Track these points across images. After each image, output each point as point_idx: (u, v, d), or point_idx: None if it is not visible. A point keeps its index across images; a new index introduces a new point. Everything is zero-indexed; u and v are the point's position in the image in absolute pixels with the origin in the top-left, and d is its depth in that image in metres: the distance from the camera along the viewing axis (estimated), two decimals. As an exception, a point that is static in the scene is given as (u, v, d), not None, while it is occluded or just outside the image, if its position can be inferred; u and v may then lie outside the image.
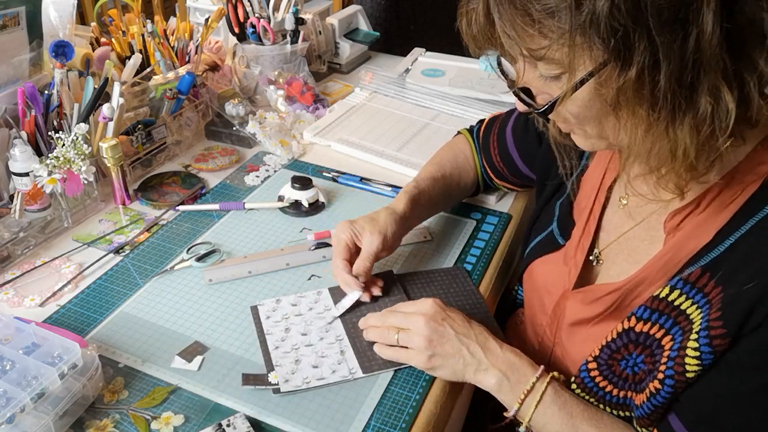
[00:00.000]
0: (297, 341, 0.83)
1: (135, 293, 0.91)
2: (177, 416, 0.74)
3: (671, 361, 0.65)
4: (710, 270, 0.65)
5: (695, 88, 0.55)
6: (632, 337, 0.71)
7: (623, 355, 0.72)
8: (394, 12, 2.04)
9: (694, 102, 0.56)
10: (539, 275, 0.88)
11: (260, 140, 1.26)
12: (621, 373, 0.73)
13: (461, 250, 1.02)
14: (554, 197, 0.90)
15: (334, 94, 1.52)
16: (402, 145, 1.28)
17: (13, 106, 1.04)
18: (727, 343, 0.61)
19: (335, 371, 0.79)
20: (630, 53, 0.54)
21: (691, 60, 0.54)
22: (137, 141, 1.16)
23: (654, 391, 0.67)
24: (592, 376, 0.75)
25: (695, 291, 0.65)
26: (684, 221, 0.69)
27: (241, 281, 0.94)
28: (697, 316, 0.64)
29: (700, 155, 0.59)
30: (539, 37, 0.58)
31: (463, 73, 1.57)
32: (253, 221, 1.07)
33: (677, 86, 0.55)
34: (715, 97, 0.55)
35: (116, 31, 1.28)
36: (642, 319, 0.70)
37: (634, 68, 0.55)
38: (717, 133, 0.57)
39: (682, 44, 0.53)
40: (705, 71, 0.54)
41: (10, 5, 1.03)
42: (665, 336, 0.68)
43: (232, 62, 1.45)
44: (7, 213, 0.99)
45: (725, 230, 0.65)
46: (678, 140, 0.58)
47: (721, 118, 0.56)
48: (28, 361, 0.71)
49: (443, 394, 0.79)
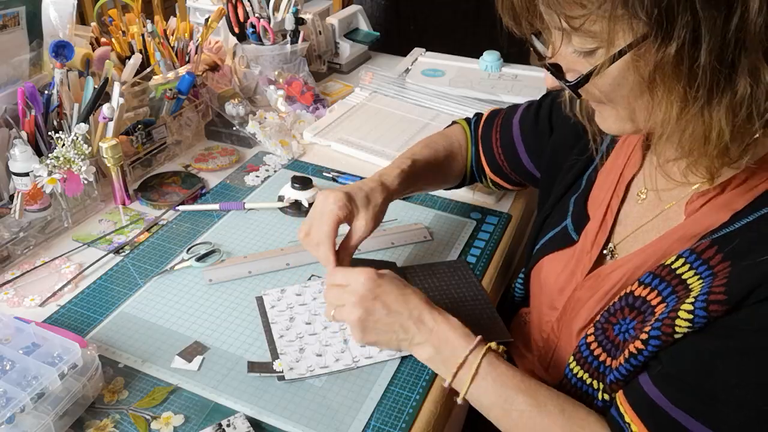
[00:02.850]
0: (301, 330, 0.85)
1: (135, 293, 0.91)
2: (177, 416, 0.74)
3: (658, 322, 0.64)
4: (719, 244, 0.63)
5: (735, 67, 0.54)
6: (630, 301, 0.70)
7: (617, 319, 0.71)
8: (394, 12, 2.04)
9: (733, 82, 0.55)
10: (550, 271, 0.87)
11: (260, 140, 1.26)
12: (614, 339, 0.71)
13: (461, 250, 1.02)
14: (568, 193, 0.89)
15: (334, 94, 1.52)
16: (402, 145, 1.28)
17: (13, 106, 1.04)
18: (723, 311, 0.59)
19: (339, 359, 0.81)
20: (672, 26, 0.53)
21: (734, 39, 0.53)
22: (137, 141, 1.16)
23: (635, 351, 0.66)
24: (588, 342, 0.74)
25: (700, 262, 0.64)
26: (706, 204, 0.68)
27: (241, 281, 0.94)
28: (697, 286, 0.63)
29: (734, 139, 0.57)
30: (578, 7, 0.56)
31: (463, 73, 1.57)
32: (253, 221, 1.07)
33: (717, 64, 0.54)
34: (755, 78, 0.54)
35: (116, 31, 1.28)
36: (644, 283, 0.69)
37: (675, 43, 0.54)
38: (754, 116, 0.56)
39: (726, 21, 0.52)
40: (747, 51, 0.53)
41: (10, 5, 1.03)
42: (660, 303, 0.67)
43: (232, 62, 1.45)
44: (7, 213, 0.99)
45: (743, 212, 0.64)
46: (713, 122, 0.57)
47: (759, 101, 0.55)
48: (28, 361, 0.71)
49: (443, 394, 0.79)
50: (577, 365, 0.76)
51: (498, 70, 1.57)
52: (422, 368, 0.81)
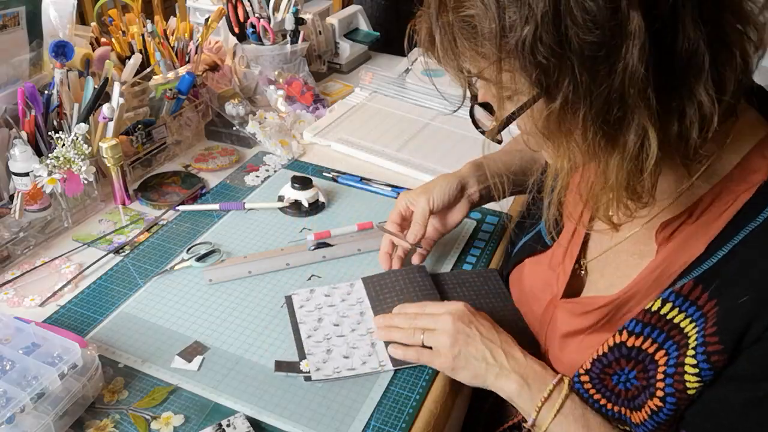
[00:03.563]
0: (329, 331, 0.85)
1: (135, 293, 0.91)
2: (177, 416, 0.74)
3: (670, 378, 0.64)
4: (703, 282, 0.63)
5: (620, 125, 0.55)
6: (624, 352, 0.69)
7: (615, 370, 0.70)
8: (394, 12, 2.04)
9: (620, 138, 0.56)
10: (527, 277, 0.87)
11: (260, 140, 1.26)
12: (613, 388, 0.71)
13: (461, 250, 1.02)
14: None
15: (334, 94, 1.52)
16: (402, 145, 1.28)
17: (13, 106, 1.04)
18: (725, 359, 0.59)
19: (365, 362, 0.81)
20: (554, 85, 0.54)
21: (616, 98, 0.53)
22: (137, 141, 1.16)
23: (655, 408, 0.65)
24: (586, 389, 0.73)
25: (688, 304, 0.64)
26: (676, 232, 0.67)
27: (241, 281, 0.94)
28: (692, 330, 0.63)
29: (630, 186, 0.58)
30: (478, 57, 0.58)
31: (463, 73, 1.56)
32: (253, 221, 1.07)
33: (601, 122, 0.55)
34: (642, 135, 0.55)
35: (116, 31, 1.28)
36: (634, 333, 0.68)
37: (558, 101, 0.55)
38: (642, 169, 0.56)
39: (606, 82, 0.53)
40: (630, 109, 0.54)
41: (10, 5, 1.03)
42: (658, 351, 0.66)
43: (232, 62, 1.45)
44: (7, 213, 0.99)
45: (718, 240, 0.63)
46: (608, 171, 0.58)
47: (645, 156, 0.56)
48: (28, 361, 0.71)
49: (443, 394, 0.79)
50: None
51: (498, 70, 1.56)
52: (422, 368, 0.81)
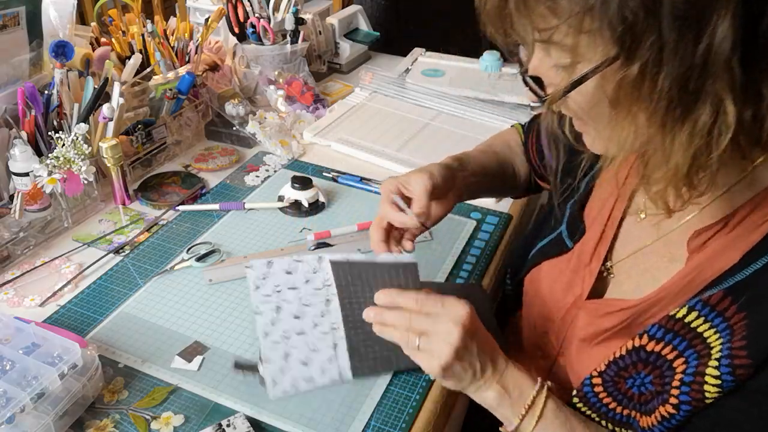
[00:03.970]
0: (288, 327, 0.75)
1: (135, 293, 0.91)
2: (177, 416, 0.74)
3: (686, 386, 0.63)
4: (733, 294, 0.61)
5: (698, 96, 0.52)
6: (642, 356, 0.68)
7: (631, 374, 0.69)
8: (394, 12, 2.04)
9: (694, 111, 0.53)
10: (545, 279, 0.85)
11: (260, 140, 1.26)
12: (626, 392, 0.70)
13: (461, 250, 1.02)
14: (567, 195, 0.87)
15: (334, 94, 1.52)
16: (402, 145, 1.28)
17: (13, 106, 1.04)
18: (751, 373, 0.58)
19: (324, 371, 0.75)
20: (636, 46, 0.51)
21: (699, 65, 0.50)
22: (137, 141, 1.16)
23: (667, 415, 0.64)
24: (596, 392, 0.72)
25: (715, 314, 0.62)
26: (709, 241, 0.65)
27: (241, 281, 0.94)
28: (715, 341, 0.61)
29: (692, 169, 0.55)
30: (550, 15, 0.54)
31: (463, 73, 1.57)
32: (253, 221, 1.07)
33: (679, 90, 0.52)
34: (717, 109, 0.52)
35: (116, 31, 1.28)
36: (655, 338, 0.66)
37: (637, 63, 0.52)
38: (712, 147, 0.53)
39: (692, 46, 0.50)
40: (711, 79, 0.51)
41: (10, 5, 1.03)
42: (678, 358, 0.65)
43: (232, 62, 1.45)
44: (7, 213, 0.99)
45: (753, 253, 0.61)
46: (673, 150, 0.55)
47: (719, 133, 0.53)
48: (28, 361, 0.71)
49: (443, 394, 0.79)
50: (580, 402, 0.75)
51: (498, 70, 1.57)
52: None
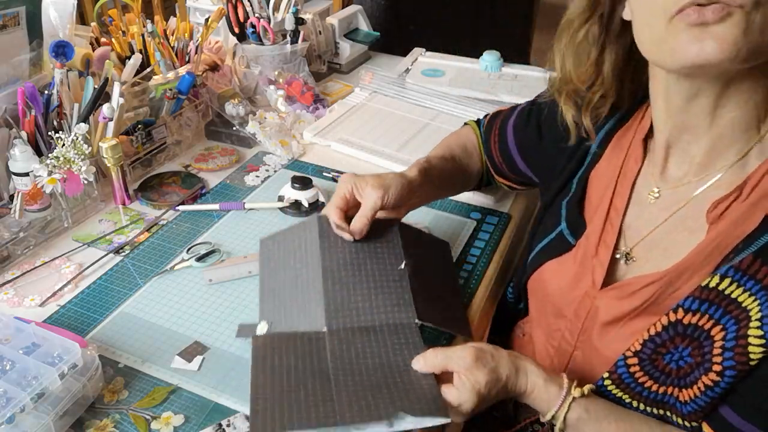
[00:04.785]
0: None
1: (135, 293, 0.91)
2: (177, 416, 0.74)
3: (729, 351, 0.63)
4: (762, 255, 0.62)
5: None
6: (680, 330, 0.67)
7: (669, 349, 0.69)
8: (394, 12, 2.04)
9: None
10: (550, 279, 0.85)
11: (260, 140, 1.26)
12: (664, 368, 0.70)
13: (461, 250, 1.02)
14: (558, 196, 0.88)
15: (334, 94, 1.52)
16: (402, 145, 1.28)
17: (13, 106, 1.04)
18: None
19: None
20: None
21: None
22: (137, 141, 1.16)
23: (711, 383, 0.64)
24: (632, 372, 0.72)
25: (747, 278, 0.63)
26: (726, 211, 0.67)
27: (241, 281, 0.94)
28: (752, 304, 0.62)
29: None
30: None
31: (463, 73, 1.57)
32: (253, 221, 1.07)
33: None
34: None
35: (116, 31, 1.28)
36: (690, 310, 0.66)
37: None
38: None
39: None
40: None
41: (10, 5, 1.03)
42: (715, 326, 0.65)
43: (232, 62, 1.45)
44: (7, 213, 0.99)
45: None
46: None
47: None
48: (28, 361, 0.71)
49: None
50: (612, 384, 0.74)
51: (498, 70, 1.57)
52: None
